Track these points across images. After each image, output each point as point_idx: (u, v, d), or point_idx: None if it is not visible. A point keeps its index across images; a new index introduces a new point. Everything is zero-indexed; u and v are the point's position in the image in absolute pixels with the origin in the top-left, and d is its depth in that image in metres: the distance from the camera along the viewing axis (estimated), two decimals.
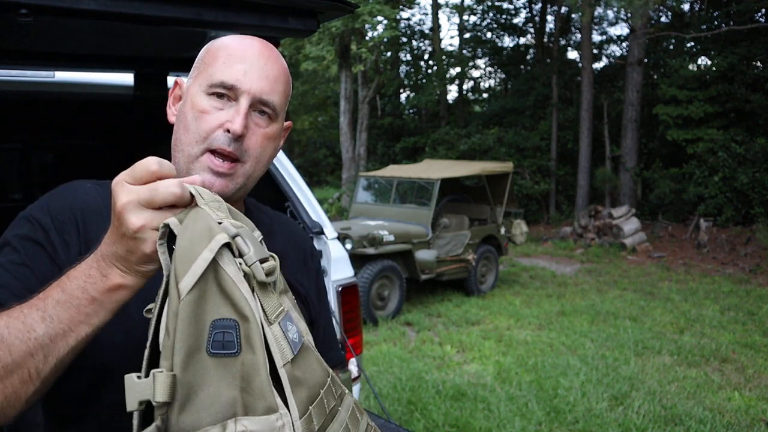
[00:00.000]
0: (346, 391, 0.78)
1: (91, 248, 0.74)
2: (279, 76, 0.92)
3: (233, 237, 0.66)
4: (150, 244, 0.67)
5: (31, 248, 0.82)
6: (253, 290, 0.66)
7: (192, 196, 0.69)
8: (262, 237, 0.73)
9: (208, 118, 0.87)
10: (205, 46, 0.96)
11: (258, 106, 0.90)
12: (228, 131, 0.86)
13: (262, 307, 0.66)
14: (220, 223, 0.66)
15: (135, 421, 0.64)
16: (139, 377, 0.63)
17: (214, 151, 0.87)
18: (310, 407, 0.67)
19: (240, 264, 0.66)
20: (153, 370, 0.62)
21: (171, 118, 0.96)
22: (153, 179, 0.67)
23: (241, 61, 0.89)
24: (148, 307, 0.69)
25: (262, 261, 0.68)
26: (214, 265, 0.64)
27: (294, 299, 0.80)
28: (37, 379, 0.69)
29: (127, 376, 0.63)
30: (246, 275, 0.66)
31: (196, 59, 0.96)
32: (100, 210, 0.88)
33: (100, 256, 0.70)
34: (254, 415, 0.62)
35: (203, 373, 0.62)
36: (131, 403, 0.62)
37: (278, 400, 0.64)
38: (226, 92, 0.88)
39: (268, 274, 0.68)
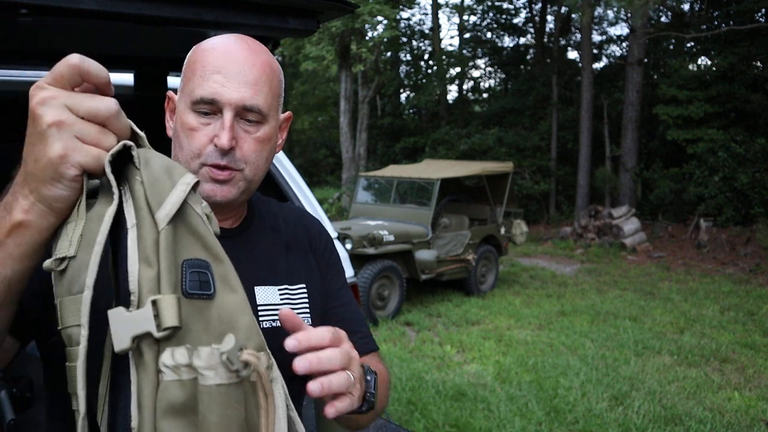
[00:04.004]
0: None
1: None
2: (260, 76, 0.89)
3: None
4: (58, 146, 0.57)
5: None
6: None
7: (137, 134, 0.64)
8: None
9: (197, 135, 0.88)
10: (188, 54, 0.94)
11: (243, 113, 0.88)
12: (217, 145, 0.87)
13: None
14: None
15: (131, 363, 0.55)
16: (129, 310, 0.53)
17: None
18: None
19: (204, 207, 0.63)
20: (150, 297, 0.54)
21: (169, 133, 0.96)
22: (76, 75, 0.61)
23: (217, 71, 0.86)
24: (49, 261, 0.58)
25: None
26: (184, 202, 0.60)
27: None
28: None
29: (111, 311, 0.53)
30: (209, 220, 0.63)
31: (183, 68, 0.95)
32: None
33: (9, 189, 0.62)
34: None
35: (183, 316, 0.56)
36: (122, 341, 0.52)
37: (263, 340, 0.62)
38: (208, 108, 0.87)
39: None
